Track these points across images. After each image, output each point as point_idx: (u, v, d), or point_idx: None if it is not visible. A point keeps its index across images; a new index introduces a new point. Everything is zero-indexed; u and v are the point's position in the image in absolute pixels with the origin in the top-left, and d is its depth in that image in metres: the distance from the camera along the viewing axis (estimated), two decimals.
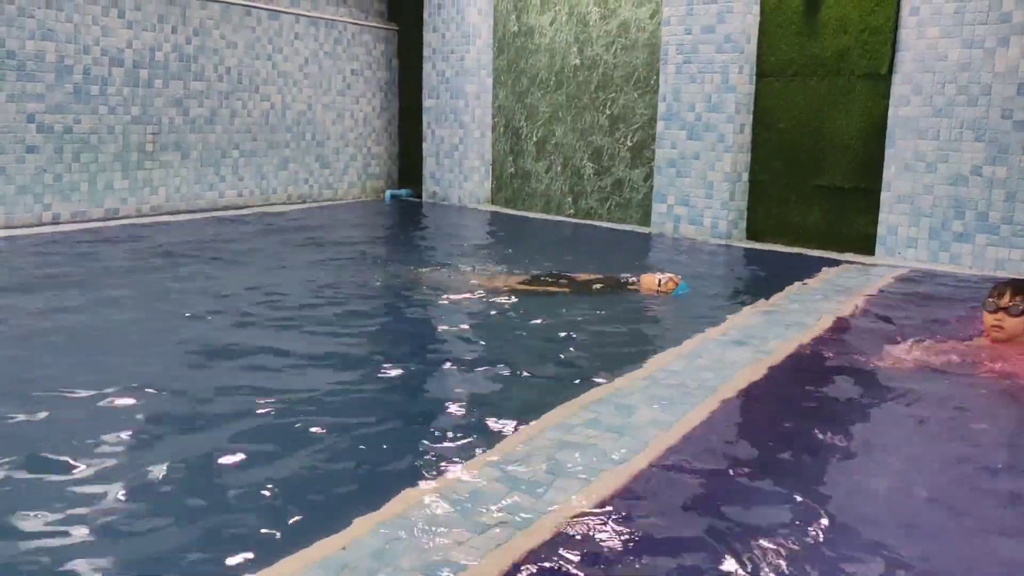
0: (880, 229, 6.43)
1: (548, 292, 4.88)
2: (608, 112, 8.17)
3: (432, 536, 2.06)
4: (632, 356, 3.66)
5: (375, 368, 3.52)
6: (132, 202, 7.66)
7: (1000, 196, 5.85)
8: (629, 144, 8.02)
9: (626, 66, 7.98)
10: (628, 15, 7.93)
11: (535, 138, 8.89)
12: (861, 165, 6.55)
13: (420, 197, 9.92)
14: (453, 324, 4.30)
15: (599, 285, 5.02)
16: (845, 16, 6.52)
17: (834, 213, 6.76)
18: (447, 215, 8.77)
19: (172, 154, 7.95)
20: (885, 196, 6.38)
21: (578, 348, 3.86)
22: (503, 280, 5.16)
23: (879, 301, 4.87)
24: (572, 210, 8.59)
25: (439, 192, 9.67)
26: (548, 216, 8.64)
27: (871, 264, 6.19)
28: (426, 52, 9.56)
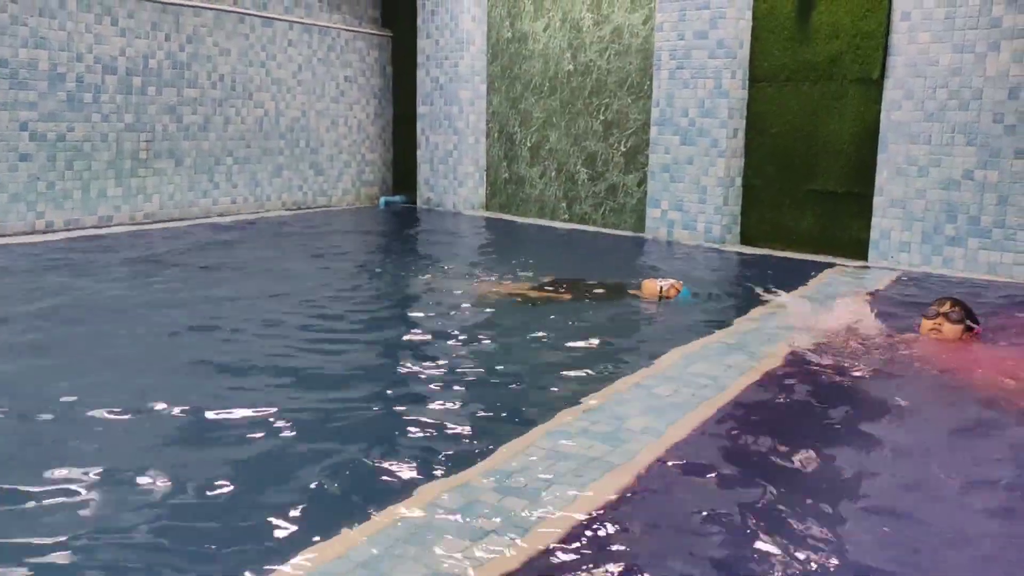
0: (873, 233, 6.45)
1: (549, 300, 4.88)
2: (602, 117, 8.19)
3: (427, 545, 2.06)
4: (628, 364, 3.67)
5: (373, 374, 3.52)
6: (126, 210, 7.65)
7: (992, 200, 5.88)
8: (623, 149, 8.04)
9: (619, 71, 8.00)
10: (621, 21, 7.95)
11: (529, 144, 8.90)
12: (854, 169, 6.58)
13: (414, 203, 9.92)
14: (451, 331, 4.29)
15: (600, 291, 5.02)
16: (837, 21, 6.55)
17: (827, 217, 6.78)
18: (442, 221, 8.77)
19: (166, 161, 7.95)
20: (878, 200, 6.40)
21: (576, 356, 3.85)
22: (502, 287, 5.16)
23: (875, 304, 4.88)
24: (566, 215, 8.60)
25: (433, 198, 9.68)
26: (542, 221, 8.65)
27: (864, 268, 6.21)
28: (420, 58, 9.58)
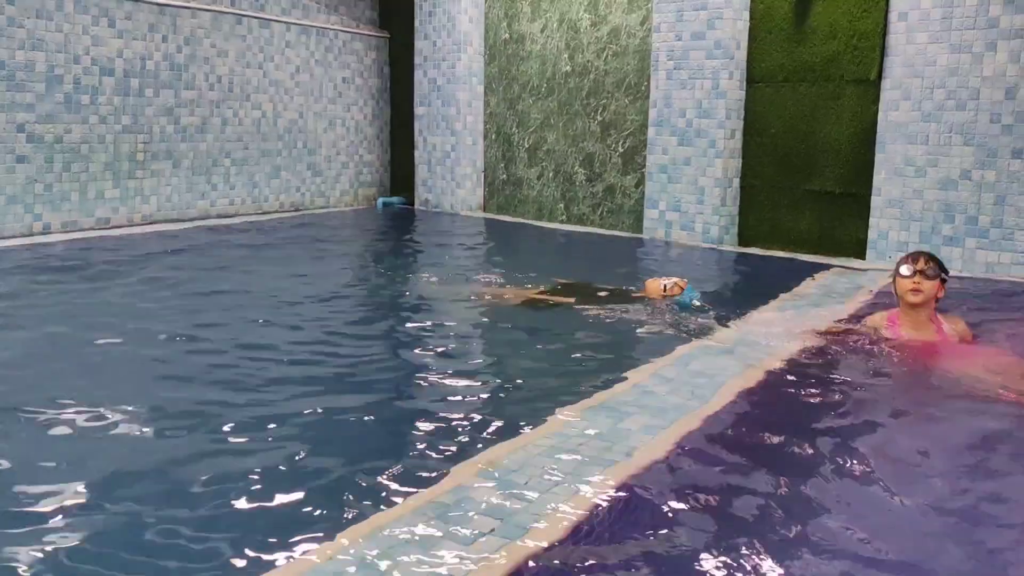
0: (871, 233, 6.46)
1: (553, 302, 4.86)
2: (599, 118, 8.19)
3: (424, 545, 2.05)
4: (627, 364, 3.66)
5: (372, 376, 3.52)
6: (123, 211, 7.64)
7: (989, 200, 5.88)
8: (620, 150, 8.04)
9: (617, 72, 8.00)
10: (618, 22, 7.95)
11: (527, 145, 8.90)
12: (851, 170, 6.58)
13: (412, 204, 9.92)
14: (449, 332, 4.30)
15: (604, 294, 5.02)
16: (834, 22, 6.56)
17: (825, 218, 6.78)
18: (439, 222, 8.77)
19: (163, 163, 7.94)
20: (875, 201, 6.41)
21: (575, 356, 3.85)
22: (507, 291, 5.15)
23: (872, 305, 4.88)
24: (564, 216, 8.60)
25: (431, 199, 9.67)
26: (540, 223, 8.65)
27: (862, 268, 6.21)
28: (417, 60, 9.58)
